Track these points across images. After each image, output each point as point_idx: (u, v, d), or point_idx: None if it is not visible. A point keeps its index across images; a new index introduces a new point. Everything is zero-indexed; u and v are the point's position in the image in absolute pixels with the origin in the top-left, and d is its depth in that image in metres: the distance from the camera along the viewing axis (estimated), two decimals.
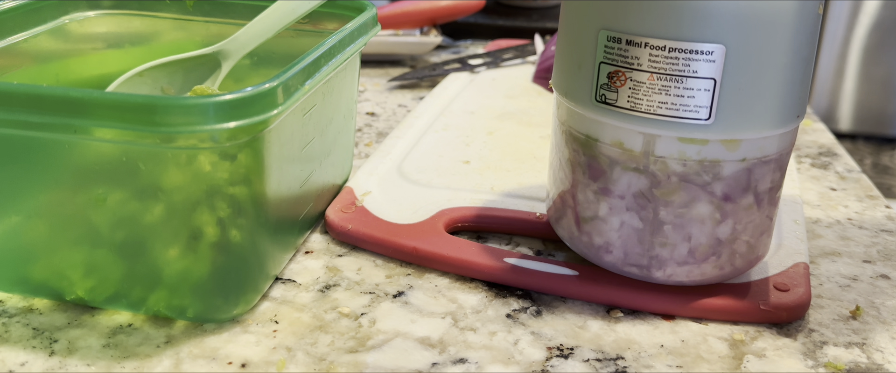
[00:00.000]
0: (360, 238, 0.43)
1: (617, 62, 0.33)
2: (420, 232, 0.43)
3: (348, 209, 0.45)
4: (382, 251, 0.43)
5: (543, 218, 0.44)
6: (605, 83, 0.34)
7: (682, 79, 0.33)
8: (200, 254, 0.35)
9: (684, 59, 0.32)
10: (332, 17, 0.48)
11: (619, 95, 0.34)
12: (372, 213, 0.45)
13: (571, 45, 0.36)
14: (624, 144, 0.35)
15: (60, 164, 0.34)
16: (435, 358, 0.35)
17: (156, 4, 0.50)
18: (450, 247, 0.41)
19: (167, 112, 0.30)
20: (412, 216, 0.45)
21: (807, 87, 0.35)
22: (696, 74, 0.32)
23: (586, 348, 0.36)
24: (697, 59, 0.32)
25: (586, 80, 0.35)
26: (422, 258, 0.42)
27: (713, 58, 0.32)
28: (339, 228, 0.44)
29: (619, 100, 0.34)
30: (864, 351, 0.36)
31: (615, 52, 0.33)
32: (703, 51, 0.32)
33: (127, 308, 0.37)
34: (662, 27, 0.32)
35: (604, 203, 0.37)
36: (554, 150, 0.40)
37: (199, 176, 0.33)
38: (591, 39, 0.34)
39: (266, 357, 0.35)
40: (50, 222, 0.35)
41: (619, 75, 0.33)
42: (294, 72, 0.34)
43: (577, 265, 0.40)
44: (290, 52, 0.48)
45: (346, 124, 0.48)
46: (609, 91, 0.34)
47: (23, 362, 0.34)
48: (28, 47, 0.45)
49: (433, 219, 0.44)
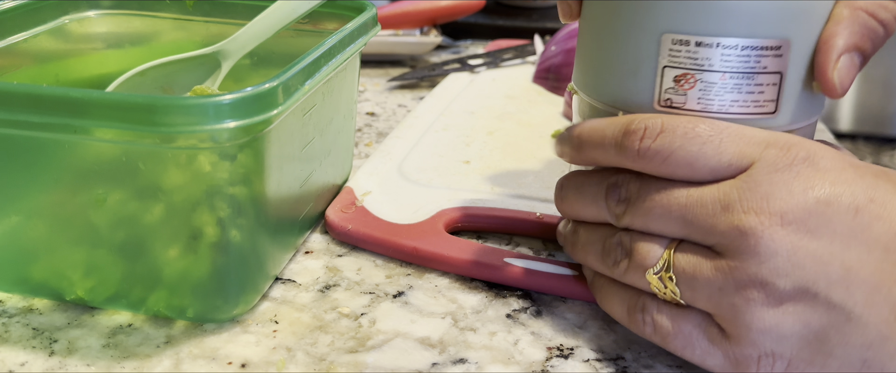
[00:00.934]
0: (359, 238, 0.43)
1: (685, 65, 0.33)
2: (420, 232, 0.43)
3: (348, 209, 0.45)
4: (382, 251, 0.43)
5: (544, 218, 0.44)
6: (671, 87, 0.34)
7: (753, 75, 0.33)
8: (200, 254, 0.35)
9: (755, 57, 0.33)
10: (332, 17, 0.48)
11: (688, 97, 0.34)
12: (372, 213, 0.45)
13: (620, 49, 0.35)
14: None
15: (60, 164, 0.34)
16: (435, 358, 0.35)
17: (156, 4, 0.50)
18: (450, 247, 0.41)
19: (167, 112, 0.30)
20: (412, 216, 0.45)
21: None
22: (765, 70, 0.33)
23: (586, 348, 0.36)
24: (767, 54, 0.33)
25: (646, 85, 0.35)
26: (422, 258, 0.42)
27: (780, 53, 0.33)
28: (338, 228, 0.44)
29: (688, 102, 0.34)
30: None
31: (683, 54, 0.33)
32: (773, 46, 0.33)
33: (127, 308, 0.37)
34: (736, 27, 0.33)
35: None
36: None
37: (199, 176, 0.33)
38: (652, 43, 0.34)
39: (266, 357, 0.35)
40: (50, 222, 0.35)
41: (688, 78, 0.33)
42: (294, 72, 0.34)
43: (577, 265, 0.40)
44: (290, 52, 0.48)
45: (346, 124, 0.48)
46: (676, 94, 0.34)
47: (23, 362, 0.34)
48: (28, 47, 0.45)
49: (433, 219, 0.44)
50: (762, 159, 0.31)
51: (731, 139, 0.32)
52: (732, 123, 0.32)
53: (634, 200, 0.33)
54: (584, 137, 0.35)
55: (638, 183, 0.33)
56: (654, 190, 0.33)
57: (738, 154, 0.31)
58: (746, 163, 0.31)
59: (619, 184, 0.34)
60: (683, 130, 0.32)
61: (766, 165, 0.31)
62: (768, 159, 0.31)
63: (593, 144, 0.35)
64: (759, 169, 0.31)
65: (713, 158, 0.31)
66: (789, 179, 0.30)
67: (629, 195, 0.33)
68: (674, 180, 0.32)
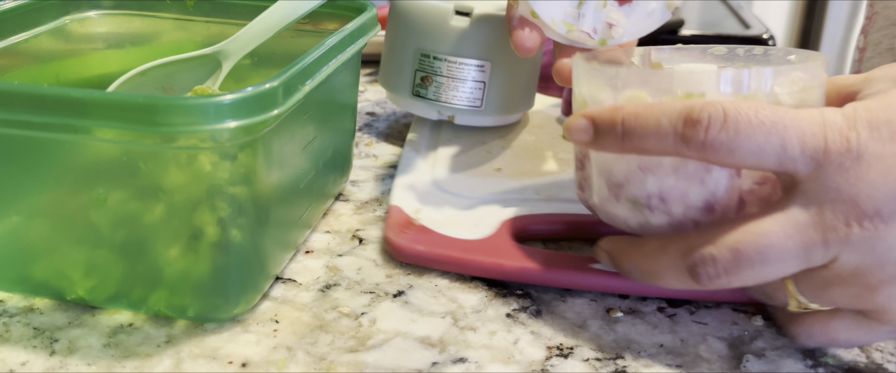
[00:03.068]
0: (433, 259, 0.41)
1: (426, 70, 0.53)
2: (493, 247, 0.41)
3: (408, 229, 0.43)
4: (456, 270, 0.41)
5: None
6: (419, 83, 0.54)
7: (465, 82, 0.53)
8: (201, 254, 0.35)
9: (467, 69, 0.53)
10: (332, 17, 0.48)
11: (429, 90, 0.53)
12: (434, 231, 0.43)
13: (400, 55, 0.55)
14: None
15: (61, 164, 0.34)
16: (435, 358, 0.35)
17: (156, 5, 0.50)
18: (536, 260, 0.40)
19: (168, 112, 0.30)
20: (475, 231, 0.43)
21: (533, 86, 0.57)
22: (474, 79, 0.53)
23: (586, 348, 0.36)
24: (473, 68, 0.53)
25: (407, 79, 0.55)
26: (506, 274, 0.40)
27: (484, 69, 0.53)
28: (407, 250, 0.42)
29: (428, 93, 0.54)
30: (863, 351, 0.36)
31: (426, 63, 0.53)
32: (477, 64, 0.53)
33: (128, 308, 0.37)
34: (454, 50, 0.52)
35: None
36: None
37: (200, 176, 0.33)
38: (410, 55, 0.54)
39: (266, 357, 0.35)
40: (51, 222, 0.36)
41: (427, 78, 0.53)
42: (294, 72, 0.34)
43: None
44: (291, 52, 0.48)
45: (346, 124, 0.48)
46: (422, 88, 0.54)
47: (23, 362, 0.34)
48: (29, 47, 0.45)
49: (500, 231, 0.43)
50: (828, 154, 0.31)
51: (791, 126, 0.31)
52: (787, 108, 0.32)
53: (728, 271, 0.33)
54: (632, 125, 0.34)
55: (716, 250, 0.32)
56: (743, 255, 0.32)
57: (801, 144, 0.31)
58: (810, 154, 0.31)
59: (702, 263, 0.33)
60: (747, 119, 0.31)
61: (834, 164, 0.31)
62: (833, 155, 0.31)
63: (646, 134, 0.33)
64: (829, 172, 0.31)
65: (779, 148, 0.31)
66: (863, 172, 0.31)
67: (719, 271, 0.33)
68: (750, 234, 0.32)
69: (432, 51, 0.52)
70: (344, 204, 0.49)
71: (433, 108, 0.54)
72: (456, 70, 0.52)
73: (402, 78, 0.54)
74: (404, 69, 0.54)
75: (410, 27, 0.53)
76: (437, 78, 0.53)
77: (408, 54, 0.54)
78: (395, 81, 0.55)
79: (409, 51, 0.53)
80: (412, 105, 0.55)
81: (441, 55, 0.52)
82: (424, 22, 0.52)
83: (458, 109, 0.53)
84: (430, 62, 0.53)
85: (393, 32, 0.55)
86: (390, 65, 0.55)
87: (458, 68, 0.52)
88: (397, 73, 0.54)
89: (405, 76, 0.54)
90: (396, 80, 0.55)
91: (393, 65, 0.55)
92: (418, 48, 0.53)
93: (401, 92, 0.55)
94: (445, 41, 0.52)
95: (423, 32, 0.53)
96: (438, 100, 0.53)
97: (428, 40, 0.53)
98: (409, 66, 0.54)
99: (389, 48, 0.56)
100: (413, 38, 0.53)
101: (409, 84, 0.54)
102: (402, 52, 0.54)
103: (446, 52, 0.52)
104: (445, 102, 0.53)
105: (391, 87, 0.55)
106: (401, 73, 0.54)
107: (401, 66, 0.54)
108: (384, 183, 0.52)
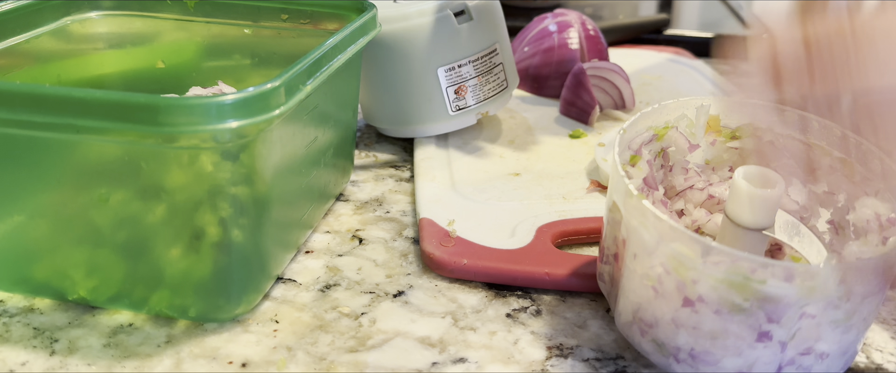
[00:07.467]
0: (478, 272, 0.40)
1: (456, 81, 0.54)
2: (537, 255, 0.41)
3: (447, 242, 0.42)
4: (502, 281, 0.41)
5: None
6: (455, 97, 0.54)
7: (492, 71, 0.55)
8: (202, 254, 0.35)
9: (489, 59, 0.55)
10: (333, 17, 0.48)
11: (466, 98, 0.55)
12: (474, 242, 0.42)
13: None
14: None
15: (63, 163, 0.34)
16: (435, 357, 0.35)
17: (157, 5, 0.50)
18: (586, 268, 0.40)
19: (169, 112, 0.30)
20: (513, 239, 0.43)
21: None
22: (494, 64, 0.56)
23: (586, 348, 0.36)
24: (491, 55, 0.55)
25: None
26: (557, 284, 0.40)
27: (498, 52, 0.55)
28: (451, 264, 0.41)
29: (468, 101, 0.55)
30: (863, 351, 0.36)
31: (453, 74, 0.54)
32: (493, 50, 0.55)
33: (129, 308, 0.37)
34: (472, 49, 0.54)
35: None
36: None
37: (201, 176, 0.33)
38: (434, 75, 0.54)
39: (267, 357, 0.35)
40: (52, 222, 0.36)
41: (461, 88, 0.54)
42: (296, 72, 0.34)
43: None
44: (292, 53, 0.48)
45: (347, 124, 0.48)
46: (459, 100, 0.55)
47: (24, 362, 0.34)
48: (30, 48, 0.45)
49: (539, 238, 0.43)
50: None
51: None
52: None
53: None
54: None
55: None
56: None
57: None
58: None
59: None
60: None
61: None
62: None
63: None
64: None
65: None
66: None
67: None
68: None
69: (455, 61, 0.53)
70: (344, 204, 0.49)
71: (472, 114, 0.55)
72: (481, 65, 0.54)
73: (434, 103, 0.54)
74: (433, 95, 0.53)
75: (424, 51, 0.53)
76: (469, 82, 0.54)
77: (430, 78, 0.53)
78: (425, 113, 0.54)
79: (431, 75, 0.53)
80: (451, 123, 0.55)
81: (464, 60, 0.53)
82: (438, 39, 0.52)
83: (493, 99, 0.55)
84: (458, 71, 0.53)
85: (399, 70, 0.53)
86: (411, 100, 0.54)
87: (482, 63, 0.54)
88: (427, 103, 0.54)
89: (437, 100, 0.54)
90: (426, 109, 0.54)
91: (417, 97, 0.54)
92: (440, 65, 0.53)
93: (437, 118, 0.54)
94: (463, 46, 0.53)
95: (439, 49, 0.53)
96: (478, 101, 0.54)
97: (447, 53, 0.53)
98: (436, 88, 0.53)
99: (404, 89, 0.54)
100: (431, 59, 0.53)
101: (444, 105, 0.54)
102: (422, 81, 0.53)
103: (468, 54, 0.53)
104: (484, 100, 0.54)
105: (423, 120, 0.55)
106: (431, 100, 0.54)
107: (429, 95, 0.54)
108: (384, 183, 0.52)
